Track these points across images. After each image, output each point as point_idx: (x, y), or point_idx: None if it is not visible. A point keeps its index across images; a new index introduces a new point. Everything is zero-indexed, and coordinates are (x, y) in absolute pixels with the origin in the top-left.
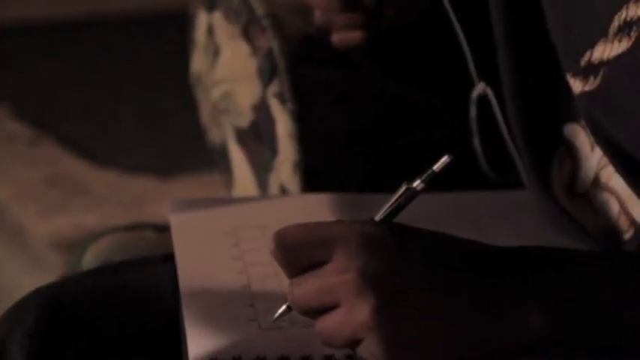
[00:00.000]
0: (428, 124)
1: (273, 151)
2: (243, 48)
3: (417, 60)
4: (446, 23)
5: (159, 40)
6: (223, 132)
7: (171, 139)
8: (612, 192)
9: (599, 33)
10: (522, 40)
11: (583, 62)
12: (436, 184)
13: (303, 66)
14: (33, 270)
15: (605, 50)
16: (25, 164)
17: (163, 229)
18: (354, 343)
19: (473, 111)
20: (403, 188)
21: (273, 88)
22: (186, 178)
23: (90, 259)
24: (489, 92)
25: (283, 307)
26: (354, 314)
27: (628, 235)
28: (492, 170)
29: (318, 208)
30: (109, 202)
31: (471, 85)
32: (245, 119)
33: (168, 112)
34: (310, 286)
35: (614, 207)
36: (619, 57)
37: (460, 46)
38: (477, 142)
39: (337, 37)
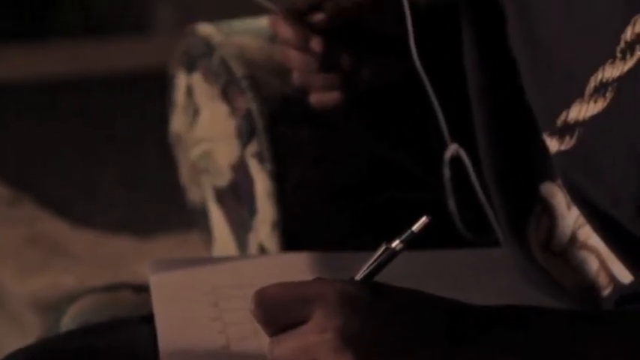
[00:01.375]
0: (405, 183)
1: (252, 210)
2: (222, 108)
3: (394, 120)
4: (422, 83)
5: (138, 100)
6: (203, 191)
7: (151, 199)
8: (592, 250)
9: (576, 93)
10: (498, 100)
11: (559, 122)
12: (415, 243)
13: (282, 126)
14: (11, 331)
15: (581, 110)
16: (3, 224)
17: (142, 290)
18: None
19: (446, 172)
20: (382, 248)
21: (252, 148)
22: (166, 238)
23: (68, 321)
24: (462, 153)
25: None
26: None
27: (607, 291)
28: (468, 230)
29: (297, 267)
30: (88, 262)
31: (445, 146)
32: (224, 179)
33: (147, 172)
34: (290, 345)
35: (593, 264)
36: (594, 117)
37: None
38: (452, 203)
39: (315, 98)
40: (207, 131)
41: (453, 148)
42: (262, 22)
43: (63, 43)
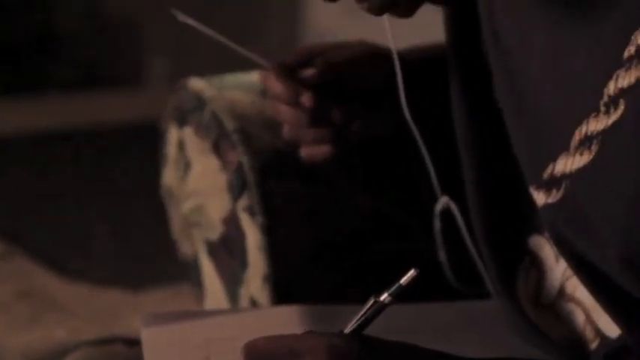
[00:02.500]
0: (395, 234)
1: (244, 264)
2: (213, 162)
3: (384, 173)
4: (412, 136)
5: (130, 153)
6: (194, 245)
7: (143, 252)
8: (578, 303)
9: (561, 146)
10: (486, 152)
11: (546, 175)
12: (404, 295)
13: (273, 180)
14: None
15: (567, 163)
16: None
17: (134, 343)
18: None
19: (437, 224)
20: (371, 301)
21: (243, 201)
22: (157, 291)
23: None
24: (452, 206)
25: None
26: None
27: (594, 345)
28: (459, 282)
29: (288, 321)
30: (80, 316)
31: (436, 198)
32: (215, 232)
33: (139, 225)
34: None
35: (580, 317)
36: (580, 170)
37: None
38: (442, 254)
39: (306, 152)
40: (199, 185)
41: (443, 201)
42: (253, 76)
43: (57, 95)
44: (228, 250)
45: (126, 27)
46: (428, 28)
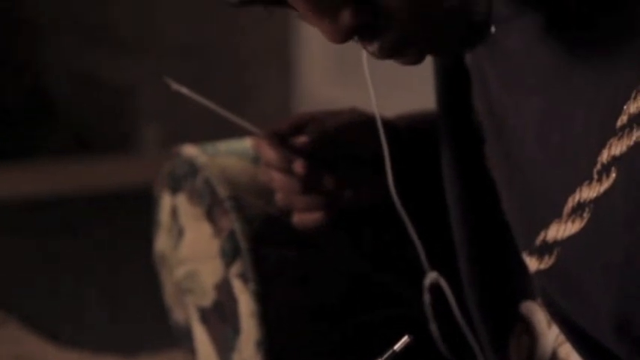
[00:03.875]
0: (388, 302)
1: (236, 330)
2: (206, 229)
3: (377, 239)
4: (406, 200)
5: (122, 220)
6: (187, 311)
7: (135, 319)
8: None
9: (554, 213)
10: (477, 219)
11: (538, 241)
12: None
13: (265, 246)
14: None
15: (559, 230)
16: None
17: None
18: None
19: (426, 298)
20: None
21: (236, 268)
22: (150, 358)
23: None
24: (442, 282)
25: None
26: None
27: None
28: (451, 352)
29: None
30: None
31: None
32: (208, 299)
33: (132, 291)
34: None
35: None
36: (572, 237)
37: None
38: (433, 326)
39: (298, 219)
40: (192, 251)
41: (432, 276)
42: (246, 143)
43: (49, 161)
44: (220, 317)
45: (119, 93)
46: (418, 95)
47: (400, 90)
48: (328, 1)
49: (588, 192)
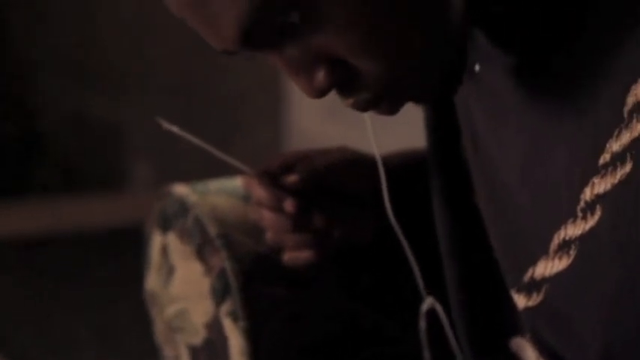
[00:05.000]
0: (379, 340)
1: None
2: (196, 267)
3: (368, 276)
4: (395, 239)
5: (114, 257)
6: (177, 350)
7: (125, 357)
8: None
9: (541, 250)
10: (467, 255)
11: (526, 278)
12: None
13: (256, 285)
14: None
15: (547, 267)
16: None
17: None
18: None
19: (422, 324)
20: None
21: (226, 306)
22: None
23: None
24: (438, 307)
25: None
26: None
27: None
28: None
29: None
30: None
31: (421, 299)
32: (199, 337)
33: (122, 330)
34: None
35: None
36: (560, 274)
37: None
38: (427, 354)
39: (289, 257)
40: (182, 290)
41: (429, 302)
42: (237, 181)
43: (39, 199)
44: (211, 355)
45: (109, 131)
46: (408, 132)
47: (392, 126)
48: (304, 61)
49: (573, 229)
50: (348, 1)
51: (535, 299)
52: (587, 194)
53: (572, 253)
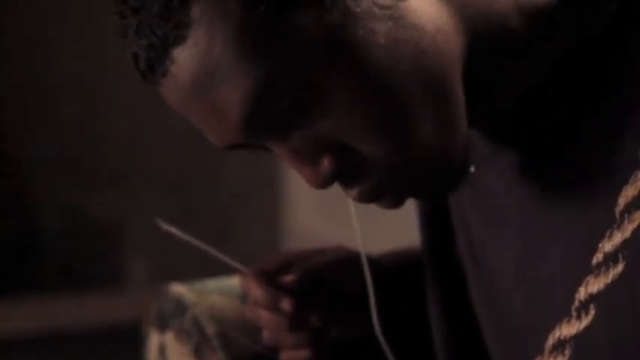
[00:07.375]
0: None
1: None
2: None
3: None
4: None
5: (109, 356)
6: None
7: None
8: None
9: (536, 351)
10: (463, 356)
11: None
12: None
13: None
14: None
15: None
16: None
17: None
18: None
19: None
20: None
21: None
22: None
23: None
24: None
25: None
26: None
27: None
28: None
29: None
30: None
31: None
32: None
33: None
34: None
35: None
36: None
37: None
38: None
39: (286, 356)
40: None
41: None
42: (234, 280)
43: (35, 297)
44: None
45: (106, 228)
46: (404, 230)
47: (386, 224)
48: (309, 148)
49: (568, 329)
50: (355, 82)
51: None
52: (582, 294)
53: (567, 352)
